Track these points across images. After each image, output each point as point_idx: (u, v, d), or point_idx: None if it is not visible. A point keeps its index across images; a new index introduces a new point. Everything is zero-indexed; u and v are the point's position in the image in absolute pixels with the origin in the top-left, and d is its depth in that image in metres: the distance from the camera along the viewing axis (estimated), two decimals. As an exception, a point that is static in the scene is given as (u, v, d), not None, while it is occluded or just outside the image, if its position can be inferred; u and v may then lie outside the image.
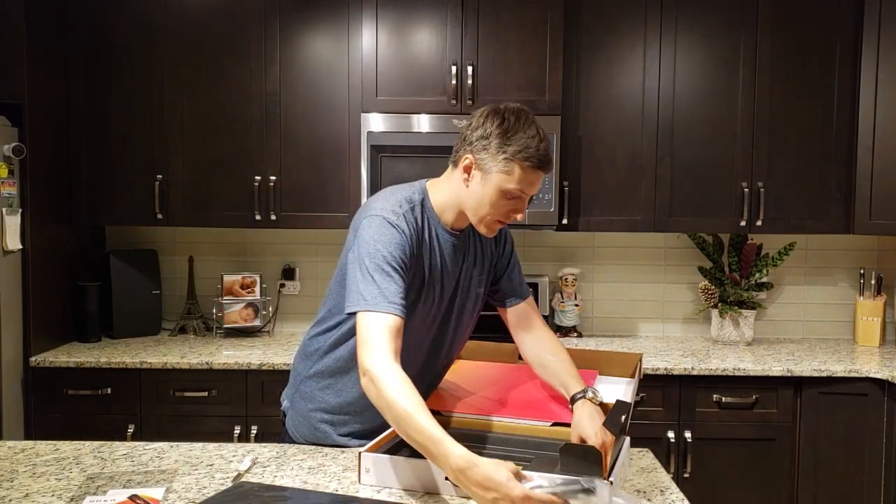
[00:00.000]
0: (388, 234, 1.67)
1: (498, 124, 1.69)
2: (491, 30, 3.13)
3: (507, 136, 1.68)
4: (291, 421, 1.95)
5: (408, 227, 1.71)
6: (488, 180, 1.70)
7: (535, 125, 1.70)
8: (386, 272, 1.64)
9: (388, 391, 1.52)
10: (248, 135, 3.23)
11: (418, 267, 1.74)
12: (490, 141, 1.69)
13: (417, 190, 1.80)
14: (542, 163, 1.68)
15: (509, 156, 1.67)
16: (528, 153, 1.67)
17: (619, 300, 3.64)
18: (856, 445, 3.01)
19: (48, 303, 3.10)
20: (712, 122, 3.24)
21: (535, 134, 1.68)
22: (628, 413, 1.65)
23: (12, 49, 2.93)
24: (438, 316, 1.84)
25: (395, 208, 1.72)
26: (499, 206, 1.71)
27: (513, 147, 1.67)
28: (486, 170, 1.70)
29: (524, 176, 1.68)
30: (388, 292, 1.62)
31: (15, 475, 1.68)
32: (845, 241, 3.56)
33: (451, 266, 1.81)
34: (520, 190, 1.69)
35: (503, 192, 1.69)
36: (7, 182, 2.88)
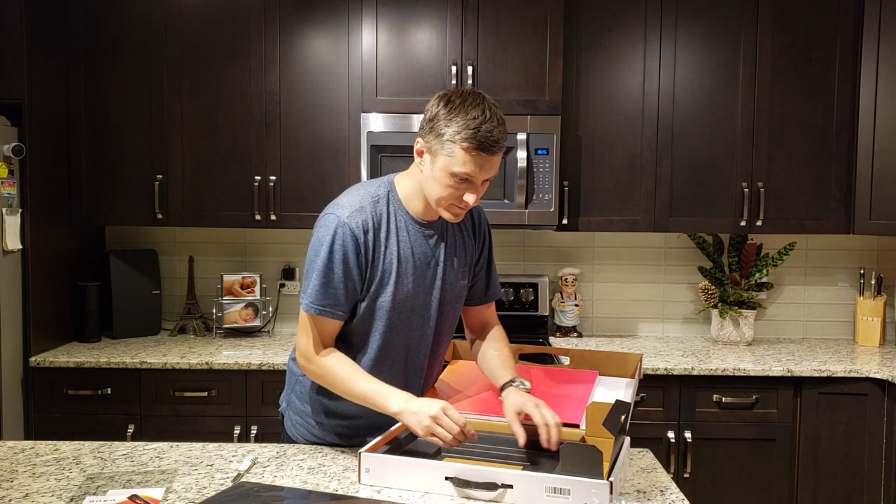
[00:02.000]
0: (338, 233, 1.72)
1: (441, 106, 1.67)
2: (491, 29, 3.13)
3: (448, 117, 1.65)
4: (289, 421, 1.96)
5: (363, 222, 1.72)
6: (436, 163, 1.69)
7: (483, 106, 1.66)
8: (324, 273, 1.72)
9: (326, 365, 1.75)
10: (248, 135, 3.23)
11: (379, 262, 1.75)
12: (434, 123, 1.68)
13: (384, 183, 1.82)
14: (482, 145, 1.64)
15: (448, 137, 1.65)
16: (466, 134, 1.63)
17: (618, 300, 3.64)
18: (856, 445, 3.01)
19: (48, 303, 3.10)
20: (712, 122, 3.24)
21: (478, 115, 1.64)
22: (628, 413, 1.65)
23: (12, 49, 2.93)
24: (417, 307, 1.81)
25: (353, 204, 1.75)
26: (452, 190, 1.69)
27: (451, 128, 1.64)
28: (433, 153, 1.69)
29: (467, 158, 1.65)
30: (319, 293, 1.73)
31: (15, 475, 1.68)
32: (845, 241, 3.56)
33: (423, 256, 1.80)
34: (466, 173, 1.66)
35: (450, 174, 1.67)
36: (7, 182, 2.88)
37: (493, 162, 1.68)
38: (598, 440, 1.57)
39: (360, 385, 1.72)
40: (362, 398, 1.72)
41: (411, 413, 1.64)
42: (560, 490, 1.47)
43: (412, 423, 1.64)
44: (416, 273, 1.79)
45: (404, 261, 1.77)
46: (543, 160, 3.12)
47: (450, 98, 1.68)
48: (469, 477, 1.54)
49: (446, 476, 1.56)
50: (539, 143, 3.11)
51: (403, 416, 1.66)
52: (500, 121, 1.67)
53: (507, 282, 3.50)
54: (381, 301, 1.77)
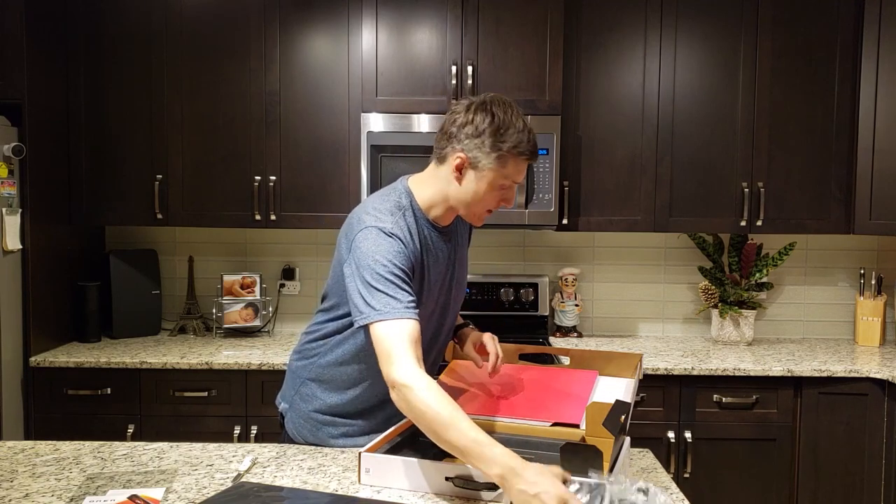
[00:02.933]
0: (387, 244, 1.65)
1: (489, 122, 1.69)
2: (491, 29, 3.13)
3: (500, 132, 1.69)
4: (292, 423, 1.95)
5: (404, 235, 1.70)
6: (483, 177, 1.71)
7: (520, 115, 1.73)
8: (392, 281, 1.61)
9: (423, 400, 1.50)
10: (248, 135, 3.23)
11: (418, 271, 1.74)
12: (483, 139, 1.69)
13: (403, 193, 1.78)
14: (533, 154, 1.73)
15: (504, 152, 1.69)
16: (522, 147, 1.70)
17: (619, 300, 3.64)
18: (856, 445, 3.01)
19: (48, 303, 3.10)
20: (712, 122, 3.24)
21: (523, 126, 1.71)
22: (628, 413, 1.65)
23: (12, 49, 2.93)
24: (437, 310, 1.85)
25: (388, 218, 1.71)
26: (491, 199, 1.75)
27: (508, 143, 1.69)
28: (479, 167, 1.71)
29: (516, 167, 1.72)
30: (399, 298, 1.60)
31: (15, 475, 1.68)
32: (845, 241, 3.56)
33: (444, 261, 1.83)
34: (512, 181, 1.74)
35: (497, 185, 1.73)
36: (7, 182, 2.88)
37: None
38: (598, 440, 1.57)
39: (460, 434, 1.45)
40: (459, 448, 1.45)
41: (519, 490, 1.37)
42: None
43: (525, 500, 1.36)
44: (442, 279, 1.82)
45: (429, 268, 1.78)
46: (543, 160, 3.12)
47: (492, 111, 1.70)
48: (469, 477, 1.54)
49: (446, 476, 1.56)
50: (539, 143, 3.02)
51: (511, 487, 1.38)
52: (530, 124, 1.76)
53: (507, 282, 3.50)
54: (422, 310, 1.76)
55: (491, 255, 3.61)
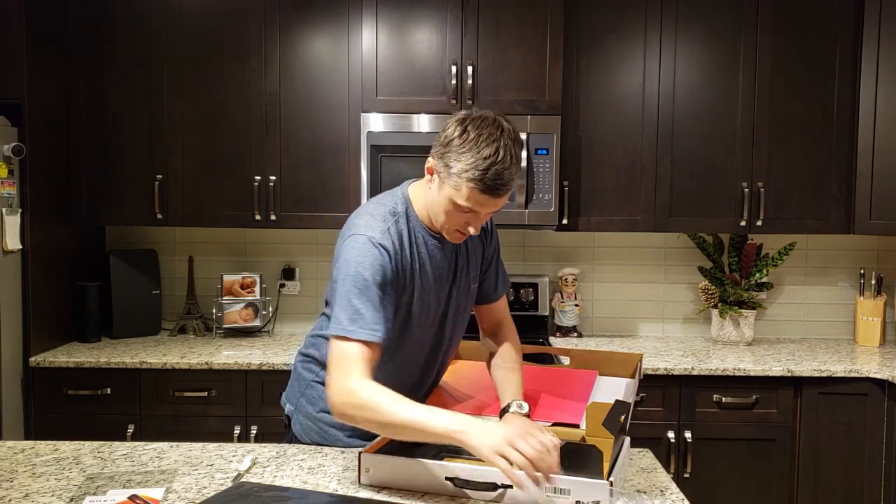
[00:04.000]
0: (370, 255, 1.63)
1: (458, 135, 1.61)
2: (491, 30, 3.13)
3: (460, 150, 1.59)
4: (299, 425, 1.94)
5: (392, 244, 1.67)
6: (442, 189, 1.65)
7: (498, 144, 1.58)
8: (367, 296, 1.60)
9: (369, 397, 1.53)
10: (248, 135, 3.23)
11: (408, 280, 1.72)
12: (448, 151, 1.62)
13: (400, 199, 1.76)
14: (488, 188, 1.59)
15: (456, 172, 1.60)
16: (473, 175, 1.58)
17: (619, 300, 3.64)
18: (856, 445, 3.01)
19: (48, 303, 3.10)
20: (712, 122, 3.24)
21: (489, 155, 1.57)
22: (628, 413, 1.65)
23: (12, 49, 2.93)
24: (436, 320, 1.83)
25: (379, 225, 1.68)
26: (453, 217, 1.67)
27: (460, 164, 1.59)
28: (441, 179, 1.65)
29: (472, 196, 1.61)
30: (367, 317, 1.59)
31: (15, 475, 1.68)
32: (845, 241, 3.56)
33: (442, 270, 1.79)
34: (469, 208, 1.63)
35: (455, 205, 1.64)
36: (7, 182, 2.88)
37: (500, 202, 1.64)
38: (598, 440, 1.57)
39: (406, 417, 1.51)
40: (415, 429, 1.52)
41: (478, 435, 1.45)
42: (560, 490, 1.47)
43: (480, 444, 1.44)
44: (437, 286, 1.78)
45: (426, 276, 1.75)
46: (543, 160, 3.12)
47: (466, 127, 1.61)
48: (469, 477, 1.54)
49: (446, 476, 1.56)
50: (539, 143, 3.11)
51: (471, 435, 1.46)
52: (513, 159, 1.60)
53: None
54: (412, 318, 1.76)
55: (491, 255, 3.61)
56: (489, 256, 1.94)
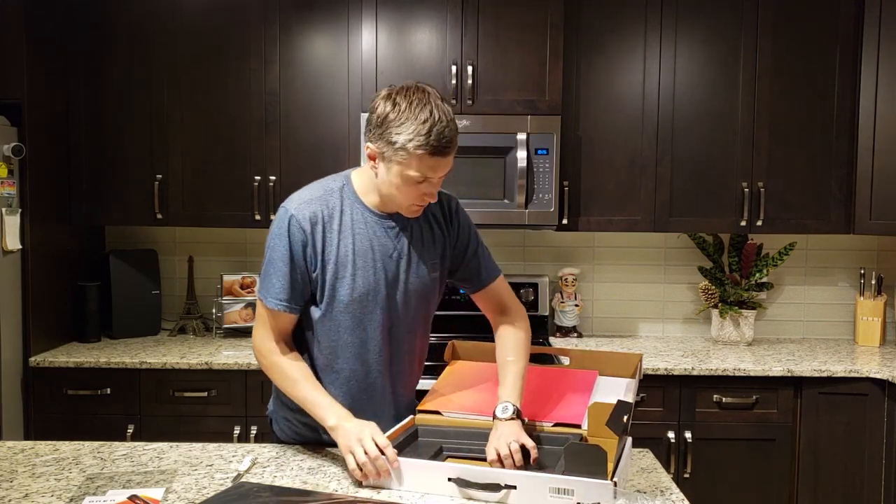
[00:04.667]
0: (284, 226, 1.74)
1: (390, 109, 1.64)
2: (491, 30, 3.13)
3: (398, 123, 1.63)
4: (276, 424, 1.96)
5: (310, 215, 1.74)
6: (391, 169, 1.68)
7: (431, 106, 1.63)
8: (275, 266, 1.74)
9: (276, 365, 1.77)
10: (248, 135, 3.23)
11: (333, 252, 1.75)
12: (383, 129, 1.65)
13: (341, 177, 1.83)
14: (436, 149, 1.63)
15: (401, 145, 1.63)
16: (419, 141, 1.62)
17: (619, 300, 3.64)
18: (856, 445, 3.01)
19: (48, 303, 3.10)
20: (712, 122, 3.24)
21: (426, 118, 1.61)
22: (630, 413, 1.65)
23: (12, 49, 2.92)
24: (381, 301, 1.79)
25: (304, 196, 1.78)
26: (408, 191, 1.70)
27: (402, 136, 1.62)
28: (386, 158, 1.68)
29: (422, 162, 1.64)
30: (275, 286, 1.75)
31: (14, 475, 1.68)
32: (845, 241, 3.56)
33: (383, 249, 1.78)
34: (422, 176, 1.66)
35: (406, 178, 1.67)
36: (7, 182, 2.88)
37: (449, 159, 1.69)
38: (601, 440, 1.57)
39: (303, 391, 1.74)
40: (303, 404, 1.76)
41: (345, 430, 1.66)
42: (564, 490, 1.47)
43: (342, 440, 1.66)
44: (377, 266, 1.77)
45: (362, 253, 1.76)
46: (543, 160, 3.12)
47: (395, 100, 1.64)
48: (472, 478, 1.54)
49: (449, 477, 1.56)
50: (539, 143, 3.11)
51: (338, 431, 1.68)
52: (449, 118, 1.65)
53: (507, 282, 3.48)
54: (340, 295, 1.76)
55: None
56: (462, 244, 1.91)
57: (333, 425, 1.69)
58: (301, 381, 1.75)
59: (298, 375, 1.76)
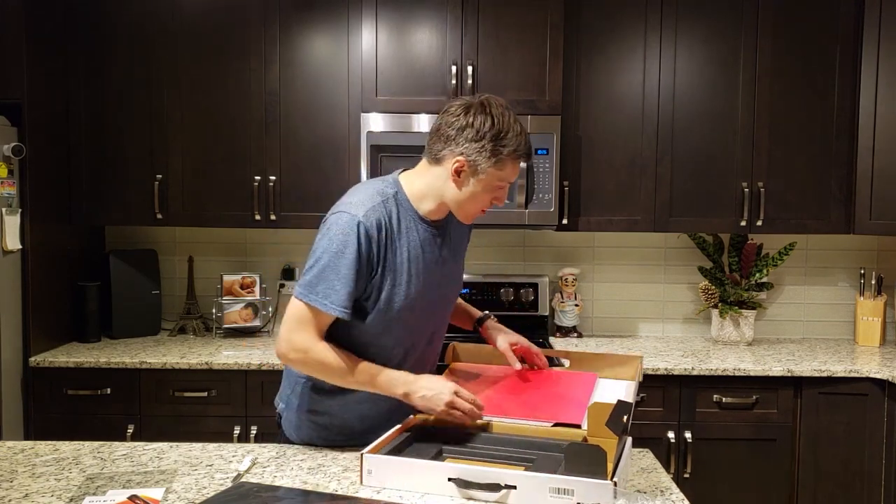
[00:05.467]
0: (353, 233, 1.70)
1: (490, 125, 1.72)
2: (491, 30, 3.13)
3: (500, 137, 1.72)
4: (288, 423, 1.95)
5: (374, 223, 1.72)
6: (481, 180, 1.75)
7: (515, 116, 1.77)
8: (341, 273, 1.70)
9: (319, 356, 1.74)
10: (248, 135, 3.23)
11: (389, 258, 1.75)
12: (484, 144, 1.72)
13: (390, 183, 1.83)
14: (529, 155, 1.79)
15: (507, 154, 1.73)
16: (521, 150, 1.75)
17: (619, 300, 3.64)
18: (856, 445, 3.01)
19: (48, 303, 3.10)
20: (712, 122, 3.24)
21: (520, 129, 1.75)
22: (630, 413, 1.65)
23: (12, 49, 2.92)
24: (429, 306, 1.84)
25: (365, 203, 1.74)
26: (486, 199, 1.79)
27: (508, 148, 1.73)
28: (479, 171, 1.74)
29: (514, 170, 1.78)
30: (339, 292, 1.70)
31: (14, 475, 1.68)
32: (845, 241, 3.56)
33: (431, 256, 1.82)
34: (506, 182, 1.78)
35: (494, 186, 1.77)
36: (7, 182, 2.88)
37: None
38: (601, 440, 1.57)
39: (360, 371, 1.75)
40: (363, 383, 1.76)
41: (424, 391, 1.72)
42: (564, 490, 1.47)
43: (429, 401, 1.72)
44: (427, 273, 1.81)
45: (415, 260, 1.78)
46: (543, 160, 3.12)
47: (491, 114, 1.73)
48: (472, 478, 1.54)
49: (449, 477, 1.56)
50: (539, 143, 3.11)
51: (414, 397, 1.73)
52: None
53: (507, 282, 3.50)
54: (395, 302, 1.77)
55: (491, 255, 3.61)
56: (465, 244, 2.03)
57: (407, 391, 1.74)
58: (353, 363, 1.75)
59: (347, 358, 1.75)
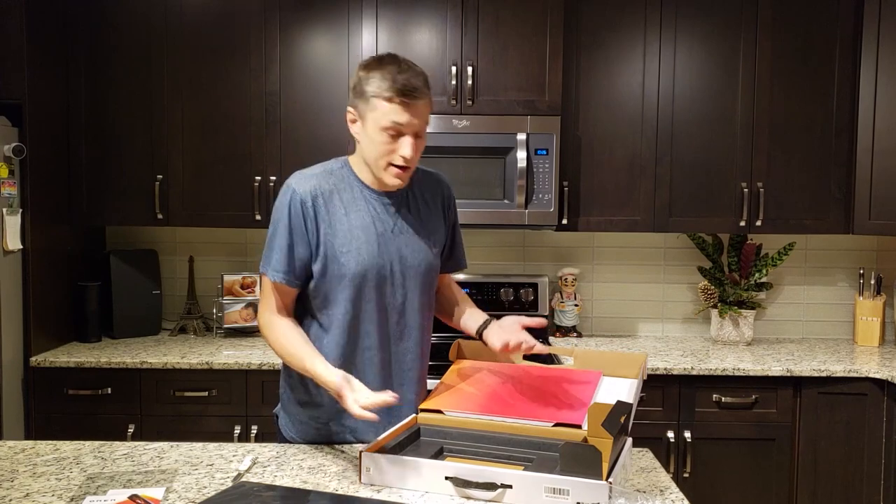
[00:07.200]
0: (285, 199, 1.79)
1: (363, 69, 1.77)
2: (491, 30, 3.13)
3: (370, 76, 1.74)
4: (283, 421, 1.96)
5: (311, 189, 1.78)
6: (367, 124, 1.77)
7: (398, 61, 1.75)
8: (276, 240, 1.80)
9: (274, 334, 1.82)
10: (248, 135, 3.23)
11: (335, 227, 1.79)
12: (356, 88, 1.77)
13: (340, 160, 1.89)
14: (402, 92, 1.71)
15: (371, 93, 1.73)
16: (385, 85, 1.72)
17: (618, 300, 3.64)
18: (855, 445, 3.01)
19: (48, 303, 3.10)
20: (712, 122, 3.25)
21: (393, 69, 1.73)
22: (628, 414, 1.65)
23: (13, 49, 2.93)
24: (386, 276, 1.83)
25: (307, 174, 1.83)
26: (384, 146, 1.75)
27: (372, 86, 1.73)
28: (362, 116, 1.77)
29: (392, 108, 1.72)
30: (273, 260, 1.80)
31: (15, 475, 1.69)
32: (845, 241, 3.56)
33: (383, 224, 1.84)
34: (394, 123, 1.72)
35: (381, 129, 1.74)
36: (7, 182, 2.88)
37: (419, 110, 1.75)
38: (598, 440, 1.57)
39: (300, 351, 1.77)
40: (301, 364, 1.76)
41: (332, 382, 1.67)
42: (559, 490, 1.48)
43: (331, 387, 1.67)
44: (380, 241, 1.82)
45: (364, 228, 1.81)
46: (543, 160, 3.12)
47: (367, 63, 1.78)
48: (469, 477, 1.54)
49: (446, 476, 1.56)
50: (539, 143, 3.11)
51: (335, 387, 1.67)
52: (416, 71, 1.77)
53: (506, 282, 3.50)
54: (345, 270, 1.80)
55: (491, 255, 3.62)
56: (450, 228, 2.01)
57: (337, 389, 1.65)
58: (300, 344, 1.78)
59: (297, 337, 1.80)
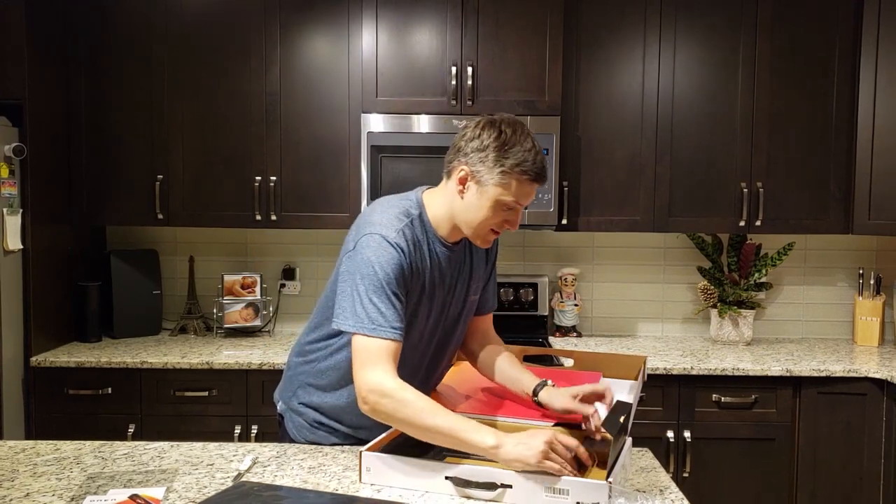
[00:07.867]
0: (387, 254, 1.66)
1: (495, 136, 1.69)
2: (491, 30, 3.14)
3: (505, 148, 1.68)
4: (292, 423, 1.95)
5: (406, 244, 1.70)
6: (484, 192, 1.70)
7: (531, 138, 1.71)
8: (386, 295, 1.64)
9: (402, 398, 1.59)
10: (248, 135, 3.24)
11: (416, 283, 1.74)
12: (487, 154, 1.69)
13: (414, 203, 1.79)
14: (538, 176, 1.70)
15: (507, 169, 1.68)
16: (525, 167, 1.68)
17: (618, 300, 3.64)
18: (855, 445, 3.01)
19: (48, 303, 3.11)
20: (712, 122, 3.25)
21: (531, 147, 1.69)
22: (628, 414, 1.65)
23: (13, 49, 2.93)
24: (437, 329, 1.84)
25: (394, 224, 1.71)
26: (493, 218, 1.72)
27: (510, 160, 1.68)
28: (482, 182, 1.70)
29: (520, 188, 1.70)
30: (387, 315, 1.63)
31: (15, 475, 1.69)
32: (844, 241, 3.57)
33: (447, 279, 1.81)
34: (515, 202, 1.71)
35: (499, 204, 1.70)
36: (7, 182, 2.88)
37: (536, 190, 1.75)
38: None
39: (447, 420, 1.58)
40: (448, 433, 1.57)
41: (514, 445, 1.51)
42: (559, 490, 1.48)
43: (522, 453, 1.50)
44: (444, 293, 1.81)
45: (437, 282, 1.78)
46: (543, 160, 3.12)
47: (500, 128, 1.70)
48: (469, 476, 1.55)
49: (446, 476, 1.56)
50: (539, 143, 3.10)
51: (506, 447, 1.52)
52: (542, 150, 1.74)
53: (507, 282, 3.50)
54: (416, 322, 1.77)
55: (491, 255, 3.61)
56: (489, 271, 1.98)
57: (495, 443, 1.52)
58: (440, 411, 1.60)
59: (435, 406, 1.60)
